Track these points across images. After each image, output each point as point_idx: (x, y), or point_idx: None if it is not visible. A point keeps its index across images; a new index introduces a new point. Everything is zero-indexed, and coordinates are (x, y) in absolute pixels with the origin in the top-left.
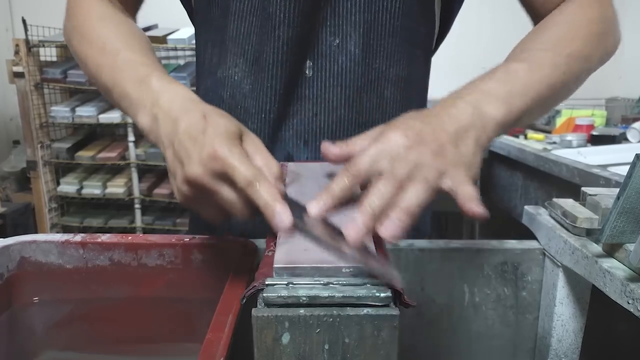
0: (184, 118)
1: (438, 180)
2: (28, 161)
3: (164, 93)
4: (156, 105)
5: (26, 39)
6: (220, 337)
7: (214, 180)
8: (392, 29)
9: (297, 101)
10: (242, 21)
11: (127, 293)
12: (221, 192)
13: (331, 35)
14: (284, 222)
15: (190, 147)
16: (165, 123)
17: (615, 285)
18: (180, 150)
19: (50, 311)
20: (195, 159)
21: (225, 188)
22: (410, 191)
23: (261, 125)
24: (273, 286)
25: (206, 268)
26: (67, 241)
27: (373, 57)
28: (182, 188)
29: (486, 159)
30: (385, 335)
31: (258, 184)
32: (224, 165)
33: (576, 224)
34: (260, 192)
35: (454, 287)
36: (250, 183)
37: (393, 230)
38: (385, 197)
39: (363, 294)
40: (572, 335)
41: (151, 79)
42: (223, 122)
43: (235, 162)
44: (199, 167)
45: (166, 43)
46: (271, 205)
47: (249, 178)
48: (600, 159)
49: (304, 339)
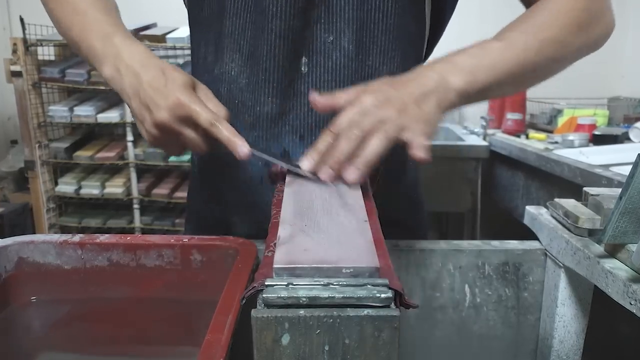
0: (146, 72)
1: (398, 133)
2: (26, 161)
3: (125, 49)
4: (118, 58)
5: (24, 37)
6: (220, 338)
7: (179, 124)
8: (385, 26)
9: (293, 97)
10: (238, 18)
11: (126, 294)
12: (185, 133)
13: (325, 32)
14: (245, 150)
15: (155, 97)
16: (128, 75)
17: (617, 286)
18: (146, 99)
19: (48, 312)
20: (162, 106)
21: (188, 129)
22: (370, 143)
23: (257, 118)
24: (273, 287)
25: (205, 269)
26: (65, 241)
27: (366, 54)
28: (152, 131)
29: (487, 159)
30: (386, 336)
31: (218, 124)
32: (188, 110)
33: (578, 225)
34: (221, 130)
35: (455, 288)
36: (212, 124)
37: (354, 176)
38: (350, 145)
39: (363, 294)
40: (573, 337)
41: (114, 36)
42: (179, 75)
43: (197, 107)
44: (165, 112)
45: (165, 42)
46: (232, 139)
47: (210, 120)
48: (602, 158)
49: (304, 340)
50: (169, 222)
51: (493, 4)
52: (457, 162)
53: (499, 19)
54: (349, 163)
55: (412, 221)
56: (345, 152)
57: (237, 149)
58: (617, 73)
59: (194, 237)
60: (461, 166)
